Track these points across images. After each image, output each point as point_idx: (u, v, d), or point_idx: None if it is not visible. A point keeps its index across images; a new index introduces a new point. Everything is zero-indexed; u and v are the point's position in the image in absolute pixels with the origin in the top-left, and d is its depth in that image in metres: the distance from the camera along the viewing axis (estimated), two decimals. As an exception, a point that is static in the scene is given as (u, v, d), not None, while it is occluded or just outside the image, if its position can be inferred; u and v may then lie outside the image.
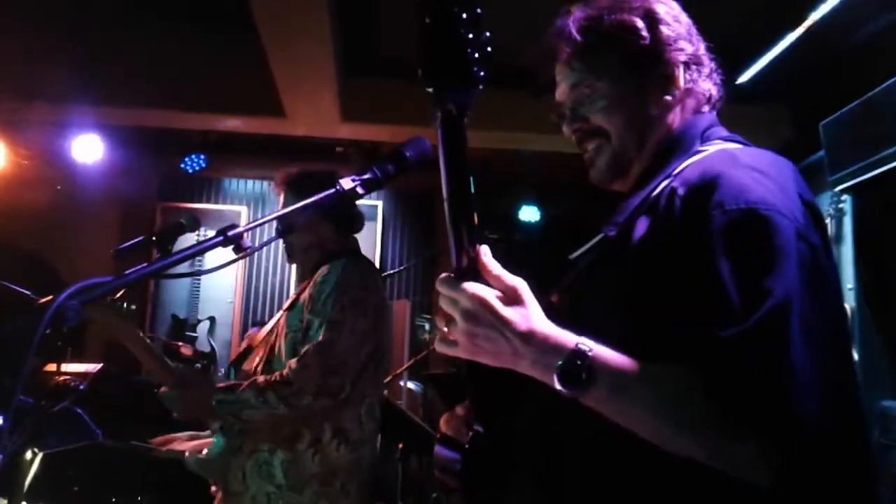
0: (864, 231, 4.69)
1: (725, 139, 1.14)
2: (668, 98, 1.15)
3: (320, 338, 2.02)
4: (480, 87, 0.92)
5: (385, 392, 3.63)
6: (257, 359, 2.23)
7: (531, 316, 0.91)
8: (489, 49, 0.91)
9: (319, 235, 2.26)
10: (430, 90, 0.92)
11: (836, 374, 0.91)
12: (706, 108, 1.19)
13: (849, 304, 4.68)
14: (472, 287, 0.90)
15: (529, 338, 0.90)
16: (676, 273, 0.95)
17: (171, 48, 4.76)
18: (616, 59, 1.15)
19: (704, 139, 1.13)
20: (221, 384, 2.09)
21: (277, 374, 2.03)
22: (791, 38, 4.07)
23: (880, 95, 4.29)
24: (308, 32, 4.05)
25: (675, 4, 1.18)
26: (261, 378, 2.04)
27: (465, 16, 0.90)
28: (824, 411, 0.86)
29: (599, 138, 1.18)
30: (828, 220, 4.80)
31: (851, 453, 0.92)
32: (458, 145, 0.93)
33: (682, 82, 1.15)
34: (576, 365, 0.89)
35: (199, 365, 5.21)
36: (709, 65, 1.19)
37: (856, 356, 4.57)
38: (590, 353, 0.89)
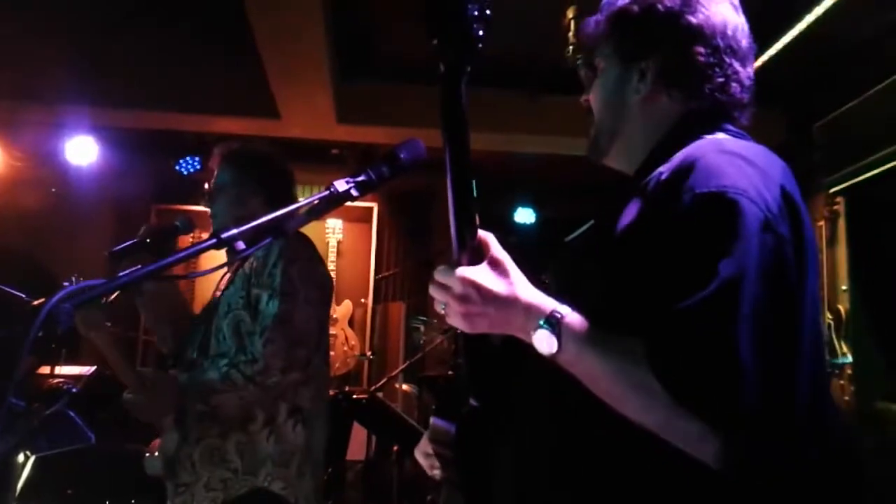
0: (859, 233, 4.71)
1: (729, 132, 1.14)
2: (659, 90, 1.16)
3: (277, 310, 1.93)
4: (480, 45, 0.97)
5: (380, 394, 3.64)
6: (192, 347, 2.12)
7: (515, 284, 1.00)
8: (489, 11, 0.96)
9: (249, 209, 2.10)
10: (434, 42, 0.96)
11: (784, 363, 0.92)
12: (714, 104, 1.15)
13: (843, 305, 4.70)
14: (461, 271, 1.00)
15: (513, 304, 0.99)
16: (649, 253, 0.98)
17: (166, 50, 4.75)
18: (611, 47, 1.21)
19: (707, 132, 1.13)
20: (181, 374, 2.01)
21: (241, 354, 1.94)
22: (784, 41, 4.08)
23: (875, 97, 4.31)
24: (303, 34, 4.05)
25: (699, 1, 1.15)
26: (222, 361, 1.95)
27: None
28: (768, 398, 0.87)
29: (591, 115, 1.27)
30: (822, 223, 4.81)
31: (801, 443, 0.94)
32: (458, 108, 0.98)
33: (679, 77, 1.15)
34: (550, 328, 0.96)
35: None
36: (725, 64, 1.14)
37: (850, 358, 4.57)
38: (562, 319, 0.97)
